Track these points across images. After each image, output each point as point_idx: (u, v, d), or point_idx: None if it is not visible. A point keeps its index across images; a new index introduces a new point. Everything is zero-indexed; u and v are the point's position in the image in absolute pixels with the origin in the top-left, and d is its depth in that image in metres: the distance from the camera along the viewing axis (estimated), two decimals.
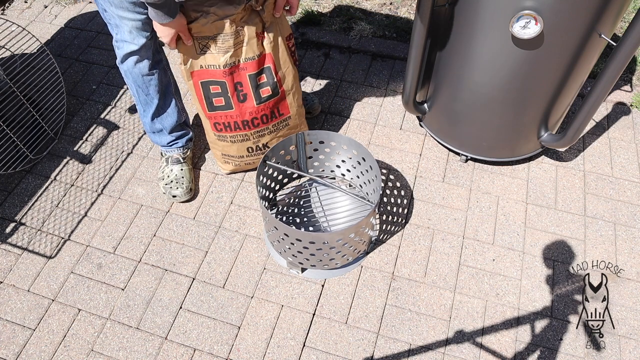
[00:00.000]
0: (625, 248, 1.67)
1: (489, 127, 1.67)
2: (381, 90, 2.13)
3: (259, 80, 1.56)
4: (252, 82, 1.55)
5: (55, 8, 2.52)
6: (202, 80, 1.53)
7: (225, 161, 1.78)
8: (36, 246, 1.71)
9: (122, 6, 1.37)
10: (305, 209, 1.76)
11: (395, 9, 2.46)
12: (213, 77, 1.52)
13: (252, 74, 1.53)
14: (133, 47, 1.48)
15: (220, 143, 1.70)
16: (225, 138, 1.67)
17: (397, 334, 1.52)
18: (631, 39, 1.27)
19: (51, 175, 1.89)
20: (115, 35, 1.49)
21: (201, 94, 1.56)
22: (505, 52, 1.41)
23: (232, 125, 1.62)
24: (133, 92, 1.65)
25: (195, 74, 1.52)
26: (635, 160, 1.89)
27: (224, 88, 1.54)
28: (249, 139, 1.67)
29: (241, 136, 1.66)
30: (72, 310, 1.57)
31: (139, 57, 1.52)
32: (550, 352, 1.48)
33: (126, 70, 1.56)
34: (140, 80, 1.58)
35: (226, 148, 1.71)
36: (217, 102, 1.57)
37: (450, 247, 1.68)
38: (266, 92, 1.58)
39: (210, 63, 1.49)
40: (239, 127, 1.63)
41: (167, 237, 1.72)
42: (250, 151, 1.73)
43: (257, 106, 1.59)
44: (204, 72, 1.52)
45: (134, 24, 1.42)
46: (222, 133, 1.65)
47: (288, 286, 1.61)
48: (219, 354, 1.49)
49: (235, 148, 1.70)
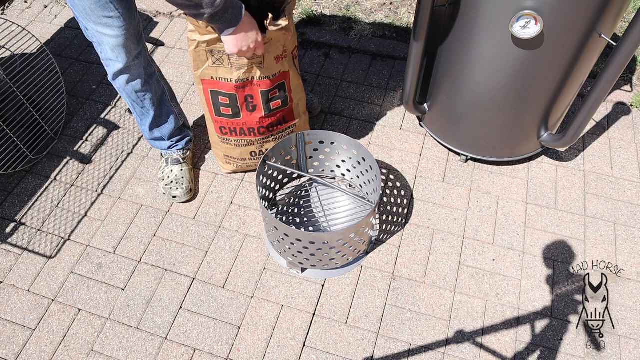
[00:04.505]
0: (625, 248, 1.67)
1: (489, 127, 1.67)
2: (381, 90, 2.13)
3: (270, 95, 1.54)
4: (264, 96, 1.53)
5: (55, 8, 2.52)
6: (212, 89, 1.52)
7: (227, 162, 1.78)
8: (36, 246, 1.71)
9: (100, 22, 1.33)
10: (305, 209, 1.76)
11: (395, 9, 2.46)
12: (223, 89, 1.50)
13: (265, 90, 1.52)
14: (119, 65, 1.45)
15: (224, 145, 1.70)
16: (229, 141, 1.67)
17: (397, 334, 1.52)
18: (631, 39, 1.27)
19: (51, 175, 1.89)
20: (100, 54, 1.45)
21: (210, 99, 1.55)
22: (505, 52, 1.41)
23: (238, 131, 1.62)
24: (129, 105, 1.64)
25: (205, 82, 1.50)
26: (635, 160, 1.89)
27: (234, 100, 1.53)
28: (254, 144, 1.68)
29: (246, 141, 1.66)
30: (72, 310, 1.57)
31: (129, 76, 1.50)
32: (550, 352, 1.48)
33: (119, 87, 1.54)
34: (134, 96, 1.57)
35: (229, 150, 1.71)
36: (225, 110, 1.57)
37: (450, 247, 1.68)
38: (276, 104, 1.58)
39: (222, 76, 1.47)
40: (244, 133, 1.63)
41: (167, 237, 1.72)
42: (254, 155, 1.73)
43: (265, 117, 1.59)
44: (215, 83, 1.49)
45: (115, 41, 1.38)
46: (227, 137, 1.65)
47: (288, 286, 1.61)
48: (219, 354, 1.49)
49: (238, 151, 1.70)
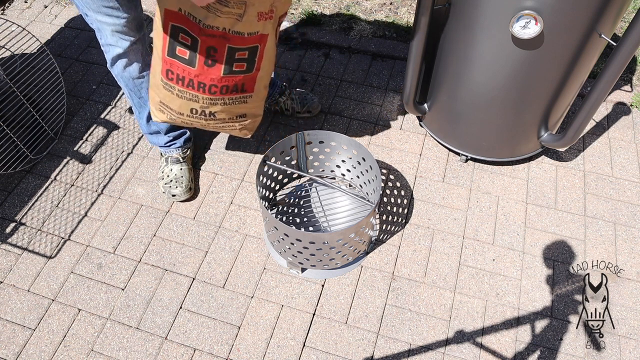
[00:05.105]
0: (625, 248, 1.67)
1: (489, 127, 1.67)
2: (381, 90, 2.13)
3: (238, 55, 1.35)
4: (230, 53, 1.33)
5: (55, 8, 2.52)
6: (175, 24, 1.29)
7: (161, 110, 1.51)
8: (36, 246, 1.71)
9: (99, 11, 1.35)
10: (305, 209, 1.76)
11: (395, 9, 2.46)
12: (189, 27, 1.28)
13: (235, 47, 1.32)
14: (118, 50, 1.46)
15: (164, 91, 1.44)
16: (172, 89, 1.41)
17: (397, 334, 1.52)
18: (631, 39, 1.27)
19: (51, 175, 1.89)
20: (100, 40, 1.47)
21: (167, 35, 1.31)
22: (505, 52, 1.41)
23: (186, 81, 1.38)
24: (127, 95, 1.64)
25: (170, 13, 1.27)
26: (635, 160, 1.89)
27: (195, 45, 1.31)
28: (198, 101, 1.43)
29: (191, 95, 1.41)
30: (72, 310, 1.57)
31: (127, 61, 1.50)
32: (550, 352, 1.48)
33: (117, 74, 1.55)
34: (131, 84, 1.57)
35: (168, 99, 1.45)
36: (181, 52, 1.33)
37: (450, 247, 1.68)
38: (240, 67, 1.38)
39: (192, 13, 1.26)
40: (192, 86, 1.38)
41: (167, 237, 1.72)
42: (194, 113, 1.47)
43: (223, 76, 1.37)
44: (181, 18, 1.27)
45: (114, 28, 1.40)
46: (172, 84, 1.40)
47: (288, 286, 1.61)
48: (219, 354, 1.49)
49: (178, 103, 1.45)
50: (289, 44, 2.31)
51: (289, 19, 2.42)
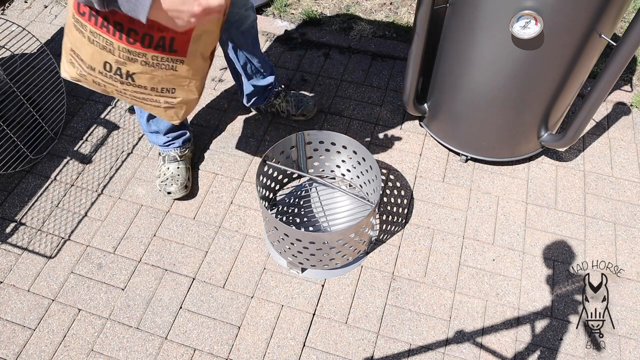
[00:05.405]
0: (625, 248, 1.67)
1: (489, 127, 1.67)
2: (381, 90, 2.13)
3: None
4: None
5: (55, 8, 2.52)
6: None
7: (71, 61, 1.25)
8: (36, 246, 1.71)
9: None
10: (305, 209, 1.76)
11: (395, 9, 2.46)
12: None
13: None
14: None
15: (75, 33, 1.18)
16: (84, 28, 1.15)
17: (397, 334, 1.52)
18: (631, 39, 1.27)
19: (51, 175, 1.89)
20: None
21: None
22: (505, 52, 1.41)
23: (101, 19, 1.12)
24: None
25: None
26: (635, 160, 1.89)
27: None
28: (113, 52, 1.16)
29: (104, 40, 1.15)
30: (72, 310, 1.57)
31: None
32: (550, 352, 1.48)
33: None
34: None
35: (78, 44, 1.19)
36: None
37: (450, 247, 1.68)
38: None
39: None
40: (108, 27, 1.13)
41: (167, 237, 1.72)
42: (107, 69, 1.20)
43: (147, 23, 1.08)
44: None
45: None
46: (84, 20, 1.14)
47: (288, 286, 1.61)
48: (219, 354, 1.49)
49: (90, 51, 1.18)
50: (289, 43, 2.31)
51: (289, 19, 2.42)
